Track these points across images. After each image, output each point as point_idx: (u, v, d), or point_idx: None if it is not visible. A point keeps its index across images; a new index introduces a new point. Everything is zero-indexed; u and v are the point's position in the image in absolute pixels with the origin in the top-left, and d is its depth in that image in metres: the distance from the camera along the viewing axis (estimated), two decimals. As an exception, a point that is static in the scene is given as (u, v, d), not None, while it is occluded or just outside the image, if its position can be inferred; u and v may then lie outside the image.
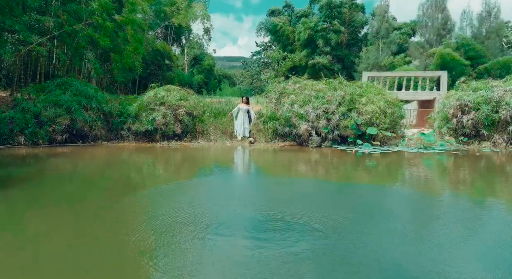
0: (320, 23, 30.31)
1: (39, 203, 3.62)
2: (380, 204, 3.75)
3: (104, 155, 7.71)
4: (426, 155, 7.52)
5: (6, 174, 5.25)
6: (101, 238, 2.60)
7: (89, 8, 10.77)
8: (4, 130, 8.24)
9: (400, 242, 2.53)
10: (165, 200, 3.77)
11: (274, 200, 3.86)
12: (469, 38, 23.68)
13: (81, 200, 3.78)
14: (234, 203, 3.70)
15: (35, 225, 2.93)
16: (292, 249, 2.32)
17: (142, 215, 3.19)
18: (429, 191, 4.57)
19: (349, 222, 2.92)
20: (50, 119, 8.55)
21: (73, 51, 11.17)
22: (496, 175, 5.70)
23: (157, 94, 9.51)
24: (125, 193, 4.16)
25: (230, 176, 5.68)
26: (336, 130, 8.78)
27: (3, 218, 3.14)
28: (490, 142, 8.54)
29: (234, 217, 3.17)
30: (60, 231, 2.76)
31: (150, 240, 2.47)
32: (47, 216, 3.17)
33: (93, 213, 3.32)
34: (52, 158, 7.03)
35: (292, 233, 2.64)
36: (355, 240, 2.52)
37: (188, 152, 8.10)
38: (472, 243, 2.56)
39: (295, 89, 9.57)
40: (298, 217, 3.04)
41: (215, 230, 2.69)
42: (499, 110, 8.38)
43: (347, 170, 6.16)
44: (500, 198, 4.13)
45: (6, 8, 9.13)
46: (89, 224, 2.96)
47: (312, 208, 3.40)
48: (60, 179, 5.09)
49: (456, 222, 3.02)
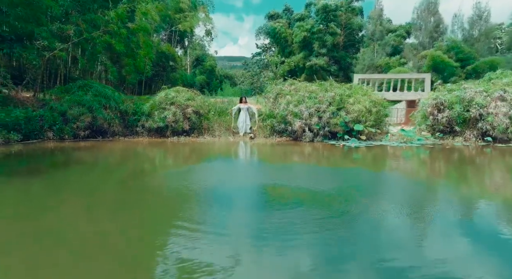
0: (316, 25, 31.45)
1: (80, 183, 4.79)
2: (353, 180, 4.91)
3: (123, 148, 8.87)
4: (403, 148, 8.68)
5: (43, 163, 6.43)
6: (145, 202, 3.76)
7: (106, 17, 11.94)
8: (35, 126, 9.41)
9: (358, 195, 3.70)
10: (183, 177, 4.94)
11: (272, 175, 5.03)
12: (459, 41, 24.82)
13: (117, 180, 4.95)
14: (241, 177, 4.87)
15: (83, 200, 4.10)
16: (285, 200, 3.49)
17: (166, 187, 4.36)
18: (393, 172, 5.73)
19: (328, 188, 4.08)
20: (75, 117, 9.72)
21: (89, 56, 12.33)
22: (458, 163, 6.86)
23: (168, 95, 10.68)
24: (152, 173, 5.33)
25: (235, 162, 6.85)
26: (326, 127, 9.93)
27: (43, 201, 4.30)
28: (462, 137, 9.69)
29: (241, 185, 4.35)
30: (109, 201, 3.93)
31: (188, 197, 3.64)
32: (91, 195, 4.34)
33: (127, 188, 4.49)
34: (79, 150, 8.20)
35: (286, 193, 3.80)
36: (330, 195, 3.69)
37: (196, 146, 9.26)
38: (409, 206, 3.73)
39: (291, 90, 10.73)
40: (291, 185, 4.20)
41: (230, 192, 3.86)
42: (470, 109, 9.52)
43: (333, 159, 7.32)
44: (452, 180, 5.29)
45: (34, 18, 10.32)
46: (129, 196, 4.14)
47: (303, 180, 4.57)
48: (92, 165, 6.26)
49: (399, 192, 4.18)
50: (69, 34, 11.73)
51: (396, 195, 4.05)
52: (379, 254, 2.25)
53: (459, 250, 2.39)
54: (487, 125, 9.27)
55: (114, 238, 2.53)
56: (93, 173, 5.41)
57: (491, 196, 4.04)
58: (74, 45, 11.80)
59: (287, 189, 4.04)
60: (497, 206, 3.60)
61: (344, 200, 3.56)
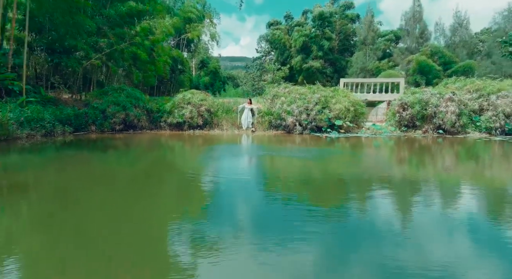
0: (313, 31, 33.91)
1: (131, 156, 7.26)
2: (328, 154, 7.36)
3: (152, 138, 11.33)
4: (372, 139, 11.12)
5: (98, 146, 8.89)
6: (180, 172, 6.23)
7: (132, 31, 14.41)
8: (82, 121, 11.88)
9: (318, 158, 6.15)
10: (203, 154, 7.41)
11: (269, 151, 7.50)
12: (441, 47, 27.20)
13: (153, 158, 7.41)
14: (246, 151, 7.34)
15: (129, 173, 6.57)
16: (277, 158, 5.96)
17: (197, 156, 6.82)
18: (358, 151, 8.19)
19: (310, 156, 6.54)
20: (112, 114, 12.17)
21: (118, 64, 14.82)
22: (410, 148, 9.29)
23: (185, 96, 13.13)
24: (182, 150, 7.79)
25: (241, 145, 9.32)
26: (313, 122, 12.37)
27: (102, 174, 6.77)
28: (421, 130, 12.12)
29: (247, 154, 6.82)
30: (154, 173, 6.39)
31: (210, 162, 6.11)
32: (133, 170, 6.81)
33: (166, 162, 6.95)
34: (119, 139, 10.66)
35: (277, 157, 6.27)
36: (311, 159, 6.15)
37: (208, 137, 11.71)
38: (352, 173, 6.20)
39: (285, 92, 13.19)
40: (281, 154, 6.67)
41: (240, 162, 6.33)
42: (427, 108, 11.95)
43: (317, 144, 9.77)
44: (391, 154, 7.74)
45: (77, 34, 12.80)
46: (168, 167, 6.60)
47: (293, 153, 7.03)
48: (135, 147, 8.73)
49: (349, 160, 6.64)
50: (101, 46, 14.24)
51: (345, 160, 6.50)
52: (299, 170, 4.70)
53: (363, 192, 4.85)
54: (440, 120, 11.70)
55: (171, 180, 4.99)
56: (137, 151, 7.88)
57: (427, 167, 6.48)
58: (105, 54, 14.25)
59: (278, 156, 6.49)
60: (433, 171, 6.05)
61: (309, 159, 6.01)
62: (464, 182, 5.18)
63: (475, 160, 7.41)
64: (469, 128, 11.78)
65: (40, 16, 12.15)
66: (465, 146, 9.55)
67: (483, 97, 11.77)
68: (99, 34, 14.38)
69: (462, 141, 10.55)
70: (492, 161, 7.25)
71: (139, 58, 14.38)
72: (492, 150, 8.65)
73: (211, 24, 34.19)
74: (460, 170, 6.33)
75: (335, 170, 5.80)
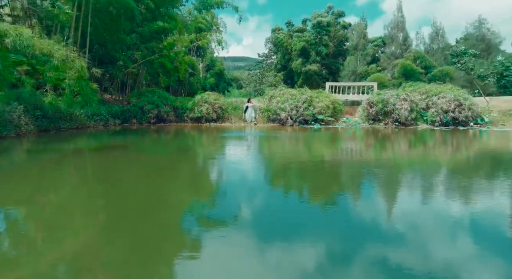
0: (312, 37, 37.72)
1: (170, 138, 11.14)
2: (311, 138, 11.19)
3: (178, 128, 15.16)
4: (345, 129, 14.90)
5: (143, 133, 12.78)
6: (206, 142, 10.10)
7: (160, 45, 18.30)
8: (126, 116, 15.78)
9: (302, 139, 9.98)
10: (220, 136, 11.28)
11: (266, 133, 11.36)
12: (422, 52, 30.85)
13: (184, 141, 11.29)
14: (250, 133, 11.21)
15: (170, 151, 10.46)
16: (275, 139, 9.81)
17: (215, 137, 10.70)
18: (329, 135, 12.02)
19: (295, 137, 10.39)
20: (148, 110, 16.06)
21: (148, 71, 18.73)
22: (367, 134, 13.06)
23: (203, 97, 17.00)
24: (203, 134, 11.67)
25: (247, 132, 13.16)
26: (301, 116, 16.15)
27: (156, 142, 10.64)
28: (383, 123, 15.87)
29: (251, 135, 10.68)
30: (189, 153, 10.27)
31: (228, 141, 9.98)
32: (171, 152, 10.69)
33: (197, 142, 10.82)
34: (156, 129, 14.52)
35: (271, 136, 10.12)
36: (299, 140, 10.00)
37: (221, 128, 15.54)
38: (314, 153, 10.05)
39: (280, 94, 17.00)
40: (276, 135, 10.52)
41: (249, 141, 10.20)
42: (387, 105, 15.69)
43: (303, 133, 13.57)
44: (349, 139, 11.56)
45: (119, 48, 16.71)
46: (199, 146, 10.48)
47: (286, 136, 10.89)
48: (168, 133, 12.61)
49: (324, 142, 10.48)
50: (136, 57, 18.16)
51: (318, 139, 10.31)
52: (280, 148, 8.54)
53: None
54: (397, 115, 15.43)
55: (202, 154, 8.83)
56: (171, 135, 11.72)
57: (380, 147, 10.27)
58: (140, 64, 18.16)
59: (273, 136, 10.30)
60: (386, 152, 9.85)
61: (294, 138, 9.84)
62: (407, 156, 8.95)
63: (420, 143, 11.17)
64: (419, 121, 15.51)
65: (94, 36, 16.06)
66: (414, 134, 13.29)
67: (429, 98, 15.50)
68: (135, 48, 18.30)
69: (412, 130, 14.29)
70: (431, 143, 11.01)
71: (165, 66, 18.29)
72: (432, 136, 12.40)
73: (217, 31, 38.17)
74: (404, 148, 10.08)
75: (309, 143, 9.55)
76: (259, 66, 43.74)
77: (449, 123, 14.92)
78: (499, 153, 8.21)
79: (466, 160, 7.36)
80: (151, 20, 18.32)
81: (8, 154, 7.53)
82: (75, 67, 9.95)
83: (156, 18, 18.07)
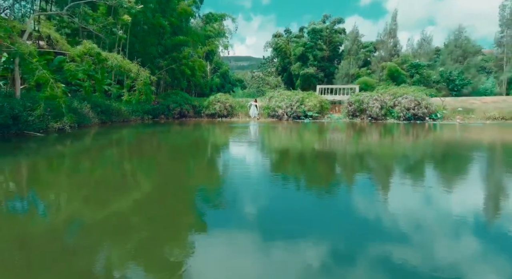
0: (309, 43, 41.76)
1: (192, 129, 15.36)
2: (301, 129, 15.33)
3: (197, 122, 19.32)
4: (329, 122, 18.99)
5: (171, 125, 17.01)
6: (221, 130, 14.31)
7: (180, 55, 22.51)
8: (155, 112, 20.02)
9: (293, 130, 14.13)
10: (230, 126, 15.47)
11: (266, 125, 15.55)
12: (410, 56, 34.69)
13: (206, 130, 15.50)
14: (253, 125, 15.41)
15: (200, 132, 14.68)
16: (273, 129, 14.00)
17: (226, 127, 14.91)
18: (316, 127, 16.16)
19: (292, 129, 14.55)
20: (172, 108, 20.27)
21: (171, 76, 22.98)
22: (344, 127, 17.17)
23: (216, 97, 21.19)
24: (218, 126, 15.87)
25: (251, 124, 17.33)
26: (295, 113, 20.25)
27: (184, 131, 14.83)
28: (360, 118, 19.93)
29: (253, 126, 14.88)
30: (207, 133, 14.48)
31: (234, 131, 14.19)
32: (203, 131, 14.90)
33: (212, 131, 15.03)
34: (178, 122, 18.70)
35: (269, 127, 14.31)
36: (292, 130, 14.16)
37: (231, 122, 19.68)
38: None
39: (278, 94, 21.13)
40: (273, 126, 14.70)
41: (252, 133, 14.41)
42: (363, 104, 19.74)
43: (296, 126, 17.70)
44: (332, 131, 15.71)
45: (148, 58, 20.93)
46: (213, 134, 14.69)
47: (282, 127, 15.06)
48: (190, 125, 16.83)
49: (314, 133, 14.65)
50: (161, 65, 22.40)
51: (307, 130, 14.44)
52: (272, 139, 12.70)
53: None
54: (370, 112, 19.49)
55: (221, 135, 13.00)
56: (195, 127, 15.91)
57: (353, 135, 14.39)
58: (164, 71, 22.36)
59: (272, 127, 14.43)
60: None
61: (288, 129, 13.98)
62: (376, 142, 13.03)
63: (386, 132, 15.21)
64: (388, 116, 19.54)
65: (132, 50, 20.29)
66: (383, 126, 17.35)
67: (395, 98, 19.53)
68: (160, 57, 22.53)
69: (382, 124, 18.34)
70: (396, 133, 15.06)
71: (185, 73, 22.50)
72: (397, 128, 16.44)
73: (224, 36, 42.30)
74: (375, 137, 14.14)
75: (300, 132, 13.62)
76: (262, 69, 47.92)
77: (411, 118, 18.95)
78: (441, 137, 12.27)
79: (419, 143, 11.44)
80: (172, 34, 22.52)
81: (107, 134, 11.74)
82: (142, 76, 14.29)
83: (176, 33, 22.28)
